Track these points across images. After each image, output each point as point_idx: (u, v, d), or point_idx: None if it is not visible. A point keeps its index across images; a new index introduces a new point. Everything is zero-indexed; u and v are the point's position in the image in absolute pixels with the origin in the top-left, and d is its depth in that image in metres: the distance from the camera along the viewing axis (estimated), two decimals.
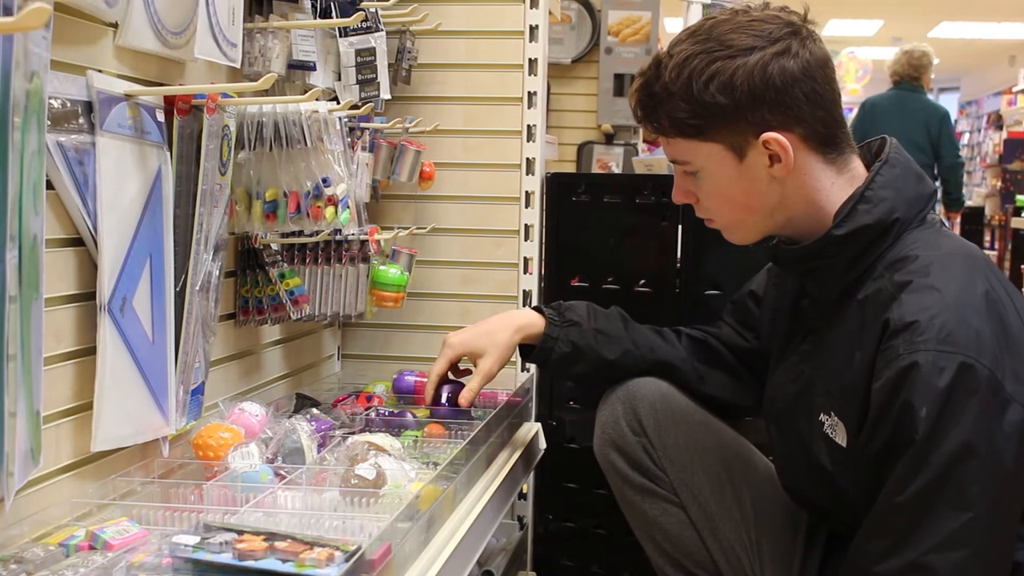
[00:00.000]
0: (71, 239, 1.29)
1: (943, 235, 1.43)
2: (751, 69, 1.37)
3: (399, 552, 1.24)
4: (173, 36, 1.43)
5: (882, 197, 1.41)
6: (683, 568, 1.67)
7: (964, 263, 1.36)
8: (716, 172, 1.44)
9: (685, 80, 1.39)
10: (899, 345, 1.28)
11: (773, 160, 1.41)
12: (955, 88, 16.13)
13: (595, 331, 1.76)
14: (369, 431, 1.75)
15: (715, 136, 1.41)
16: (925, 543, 1.24)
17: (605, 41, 3.96)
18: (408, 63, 2.25)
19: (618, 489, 1.73)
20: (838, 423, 1.40)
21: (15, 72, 0.99)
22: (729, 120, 1.39)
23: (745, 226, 1.50)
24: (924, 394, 1.24)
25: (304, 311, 1.87)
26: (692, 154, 1.45)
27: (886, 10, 10.41)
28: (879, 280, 1.37)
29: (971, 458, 1.23)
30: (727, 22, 1.42)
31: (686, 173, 1.49)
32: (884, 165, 1.43)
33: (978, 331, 1.27)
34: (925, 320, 1.27)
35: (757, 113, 1.38)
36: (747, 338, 1.80)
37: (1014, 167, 9.04)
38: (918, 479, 1.25)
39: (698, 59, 1.39)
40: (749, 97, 1.38)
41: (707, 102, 1.38)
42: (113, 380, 1.32)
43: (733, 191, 1.45)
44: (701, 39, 1.41)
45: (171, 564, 1.13)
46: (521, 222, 2.34)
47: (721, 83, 1.37)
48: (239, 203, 1.64)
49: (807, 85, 1.39)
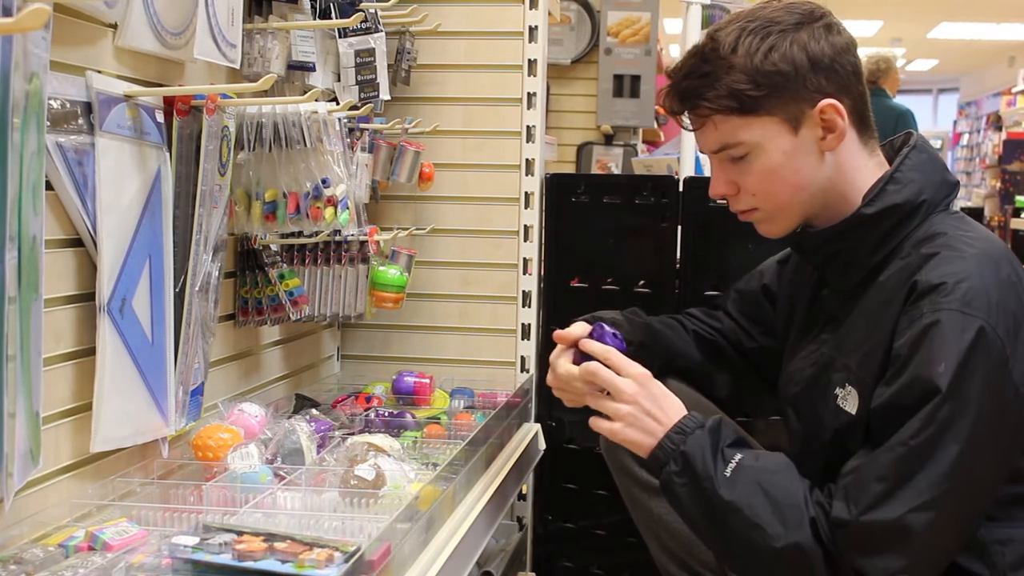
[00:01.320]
0: (70, 240, 1.29)
1: (967, 221, 1.47)
2: (805, 40, 1.43)
3: (398, 553, 1.24)
4: (172, 37, 1.43)
5: (911, 179, 1.45)
6: (687, 567, 1.67)
7: (991, 246, 1.41)
8: (770, 148, 1.45)
9: (744, 53, 1.42)
10: (924, 305, 1.33)
11: (826, 132, 1.45)
12: (954, 89, 16.15)
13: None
14: (368, 432, 1.76)
15: (773, 108, 1.43)
16: (912, 499, 1.29)
17: (604, 42, 3.96)
18: (407, 64, 2.25)
19: (624, 486, 1.73)
20: (851, 391, 1.43)
21: (14, 73, 0.99)
22: (790, 88, 1.42)
23: (789, 210, 1.50)
24: (944, 350, 1.29)
25: (303, 312, 1.87)
26: (745, 132, 1.45)
27: (886, 10, 10.41)
28: (907, 258, 1.42)
29: (971, 415, 1.29)
30: (766, 7, 1.47)
31: (732, 160, 1.49)
32: (913, 150, 1.48)
33: (998, 303, 1.32)
34: (952, 283, 1.32)
35: (816, 80, 1.43)
36: (753, 335, 1.79)
37: (1013, 168, 9.06)
38: (924, 431, 1.29)
39: (752, 35, 1.43)
40: (808, 64, 1.42)
41: (768, 71, 1.41)
42: (112, 381, 1.32)
43: (784, 168, 1.46)
44: (746, 19, 1.45)
45: (170, 565, 1.13)
46: (520, 223, 2.34)
47: (781, 53, 1.42)
48: (239, 204, 1.64)
49: (853, 57, 1.47)
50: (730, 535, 1.40)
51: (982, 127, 12.47)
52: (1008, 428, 1.34)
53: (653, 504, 1.68)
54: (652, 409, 1.47)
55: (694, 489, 1.41)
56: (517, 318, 2.35)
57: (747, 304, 1.81)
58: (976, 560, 1.38)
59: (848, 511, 1.32)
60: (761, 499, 1.37)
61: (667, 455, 1.43)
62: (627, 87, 3.96)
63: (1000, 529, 1.39)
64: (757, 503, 1.37)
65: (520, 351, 2.35)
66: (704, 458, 1.40)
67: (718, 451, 1.42)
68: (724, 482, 1.39)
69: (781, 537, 1.35)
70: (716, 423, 1.45)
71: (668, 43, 7.44)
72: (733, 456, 1.41)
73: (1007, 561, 1.38)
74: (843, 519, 1.33)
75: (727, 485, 1.39)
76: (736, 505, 1.38)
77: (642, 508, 1.70)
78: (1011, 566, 1.38)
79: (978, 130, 12.88)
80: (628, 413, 1.47)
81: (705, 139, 1.50)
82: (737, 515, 1.38)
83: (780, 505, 1.37)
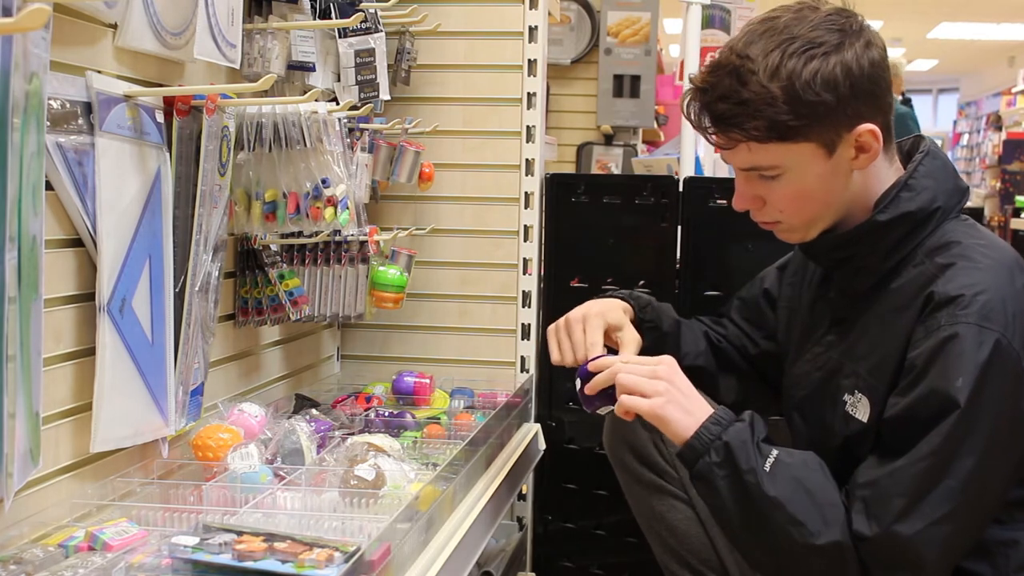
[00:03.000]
0: (70, 240, 1.29)
1: (979, 228, 1.47)
2: (849, 64, 1.37)
3: (398, 553, 1.24)
4: (172, 37, 1.43)
5: (924, 186, 1.44)
6: (688, 565, 1.67)
7: (1004, 255, 1.40)
8: (805, 171, 1.42)
9: (786, 82, 1.35)
10: (942, 317, 1.33)
11: (859, 152, 1.42)
12: (954, 89, 16.14)
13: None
14: (368, 432, 1.76)
15: (811, 135, 1.39)
16: (931, 514, 1.30)
17: (604, 42, 3.96)
18: (407, 64, 2.25)
19: (626, 484, 1.73)
20: (861, 399, 1.42)
21: (14, 73, 0.99)
22: (831, 116, 1.38)
23: (814, 224, 1.48)
24: (962, 364, 1.29)
25: (303, 312, 1.87)
26: (781, 157, 1.41)
27: (886, 10, 10.40)
28: (920, 266, 1.41)
29: (987, 429, 1.30)
30: (801, 20, 1.40)
31: (761, 177, 1.45)
32: (926, 156, 1.47)
33: (1015, 314, 1.32)
34: (969, 295, 1.32)
35: (855, 107, 1.39)
36: (755, 340, 1.79)
37: (1013, 168, 9.06)
38: (943, 446, 1.30)
39: (794, 60, 1.36)
40: (851, 92, 1.37)
41: (811, 101, 1.36)
42: (112, 381, 1.32)
43: (816, 189, 1.44)
44: (785, 39, 1.37)
45: (170, 565, 1.13)
46: (520, 223, 2.34)
47: (824, 81, 1.36)
48: (238, 204, 1.64)
49: (887, 72, 1.43)
50: (768, 530, 1.38)
51: (982, 127, 12.46)
52: (1021, 437, 1.34)
53: (655, 502, 1.68)
54: (686, 392, 1.44)
55: (735, 482, 1.37)
56: (517, 318, 2.35)
57: (749, 310, 1.81)
58: (981, 562, 1.39)
59: (869, 527, 1.33)
60: (802, 495, 1.36)
61: (706, 444, 1.39)
62: (627, 87, 3.96)
63: (1005, 531, 1.39)
64: (798, 499, 1.36)
65: (520, 351, 2.35)
66: (747, 450, 1.37)
67: (756, 444, 1.39)
68: (766, 476, 1.36)
69: (822, 534, 1.34)
70: (752, 416, 1.42)
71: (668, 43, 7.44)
72: (770, 451, 1.39)
73: (1011, 563, 1.39)
74: (864, 534, 1.33)
75: (769, 479, 1.36)
76: (779, 500, 1.35)
77: (644, 506, 1.71)
78: (1015, 568, 1.38)
79: (978, 130, 12.88)
80: (667, 389, 1.42)
81: (735, 158, 1.46)
82: (779, 510, 1.36)
83: (819, 502, 1.36)
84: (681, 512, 1.66)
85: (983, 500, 1.34)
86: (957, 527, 1.32)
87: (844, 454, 1.45)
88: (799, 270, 1.69)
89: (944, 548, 1.32)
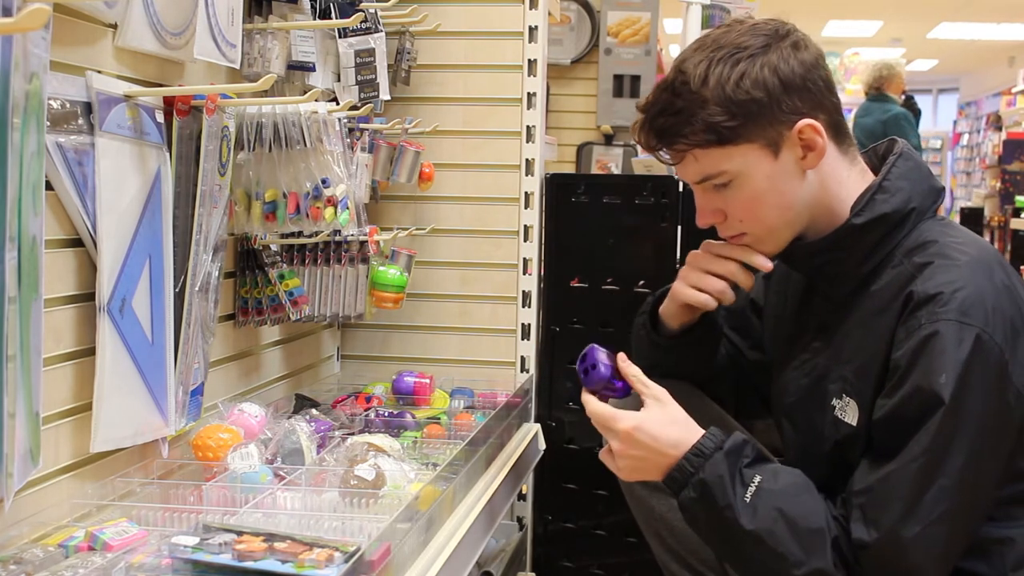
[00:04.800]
0: (70, 240, 1.29)
1: (956, 227, 1.48)
2: (776, 64, 1.41)
3: (398, 553, 1.24)
4: (172, 37, 1.43)
5: (899, 187, 1.45)
6: (688, 565, 1.67)
7: (981, 251, 1.41)
8: (752, 174, 1.44)
9: (715, 84, 1.40)
10: (922, 316, 1.34)
11: (805, 151, 1.44)
12: (954, 89, 16.13)
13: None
14: (368, 432, 1.76)
15: (751, 136, 1.42)
16: (928, 515, 1.31)
17: (604, 42, 3.96)
18: (407, 64, 2.25)
19: (626, 484, 1.73)
20: (849, 402, 1.43)
21: (14, 73, 0.99)
22: (766, 114, 1.41)
23: (778, 231, 1.50)
24: (944, 360, 1.30)
25: (303, 312, 1.87)
26: (726, 162, 1.44)
27: (885, 11, 10.41)
28: (898, 267, 1.42)
29: (974, 424, 1.31)
30: (730, 31, 1.45)
31: (715, 188, 1.47)
32: (899, 158, 1.48)
33: (994, 308, 1.33)
34: (948, 292, 1.33)
35: (790, 102, 1.41)
36: (743, 350, 1.80)
37: (1013, 168, 9.06)
38: (932, 444, 1.30)
39: (720, 64, 1.41)
40: (781, 87, 1.41)
41: (742, 100, 1.40)
42: (112, 381, 1.32)
43: (769, 192, 1.45)
44: (712, 48, 1.43)
45: (170, 565, 1.13)
46: (520, 223, 2.34)
47: (752, 79, 1.40)
48: (238, 204, 1.64)
49: (823, 72, 1.46)
50: (749, 562, 1.40)
51: (982, 127, 12.47)
52: (1009, 431, 1.35)
53: (655, 502, 1.68)
54: (647, 455, 1.43)
55: (713, 517, 1.39)
56: (517, 318, 2.35)
57: (736, 319, 1.82)
58: (978, 561, 1.39)
59: (868, 533, 1.33)
60: (782, 526, 1.36)
61: (685, 478, 1.40)
62: (627, 87, 3.96)
63: (1000, 529, 1.40)
64: (778, 530, 1.35)
65: (520, 351, 2.35)
66: (723, 486, 1.37)
67: (737, 474, 1.39)
68: (744, 509, 1.36)
69: (803, 564, 1.34)
70: (737, 444, 1.41)
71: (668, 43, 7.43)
72: (752, 479, 1.38)
73: (1008, 561, 1.39)
74: (864, 541, 1.33)
75: (747, 513, 1.36)
76: (757, 535, 1.36)
77: (644, 506, 1.70)
78: (1011, 566, 1.39)
79: (978, 130, 12.88)
80: (624, 467, 1.46)
81: (686, 171, 1.49)
82: (758, 544, 1.36)
83: (801, 531, 1.36)
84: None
85: (977, 496, 1.35)
86: (955, 525, 1.33)
87: (835, 459, 1.45)
88: (783, 278, 1.70)
89: (944, 547, 1.33)
